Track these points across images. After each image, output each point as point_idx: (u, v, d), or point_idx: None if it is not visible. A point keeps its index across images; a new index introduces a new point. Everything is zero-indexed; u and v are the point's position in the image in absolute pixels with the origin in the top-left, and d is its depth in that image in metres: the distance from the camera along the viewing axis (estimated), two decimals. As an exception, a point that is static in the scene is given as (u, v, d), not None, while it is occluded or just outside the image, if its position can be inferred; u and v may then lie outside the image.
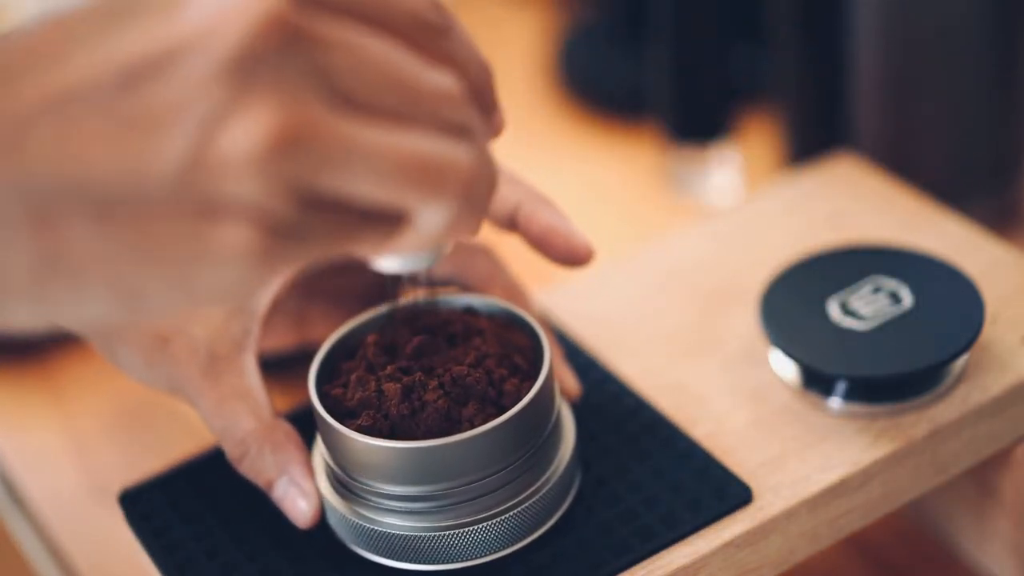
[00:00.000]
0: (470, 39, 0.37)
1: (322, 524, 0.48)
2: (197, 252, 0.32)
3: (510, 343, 0.47)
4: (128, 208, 0.32)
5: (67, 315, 0.34)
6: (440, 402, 0.44)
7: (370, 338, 0.48)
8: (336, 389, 0.46)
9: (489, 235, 0.53)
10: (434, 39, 0.35)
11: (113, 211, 0.32)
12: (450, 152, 0.34)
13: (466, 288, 0.53)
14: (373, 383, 0.45)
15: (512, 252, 0.55)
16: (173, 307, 0.34)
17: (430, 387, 0.45)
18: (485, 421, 0.44)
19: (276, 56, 0.32)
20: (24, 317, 0.34)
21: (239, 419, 0.48)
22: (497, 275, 0.53)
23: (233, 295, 0.34)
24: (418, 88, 0.34)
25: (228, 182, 0.31)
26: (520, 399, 0.45)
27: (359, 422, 0.45)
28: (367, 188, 0.33)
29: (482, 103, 0.38)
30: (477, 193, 0.35)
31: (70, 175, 0.32)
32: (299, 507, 0.47)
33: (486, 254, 0.53)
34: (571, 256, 0.50)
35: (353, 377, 0.46)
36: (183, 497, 0.51)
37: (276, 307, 0.52)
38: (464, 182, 0.34)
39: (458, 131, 0.34)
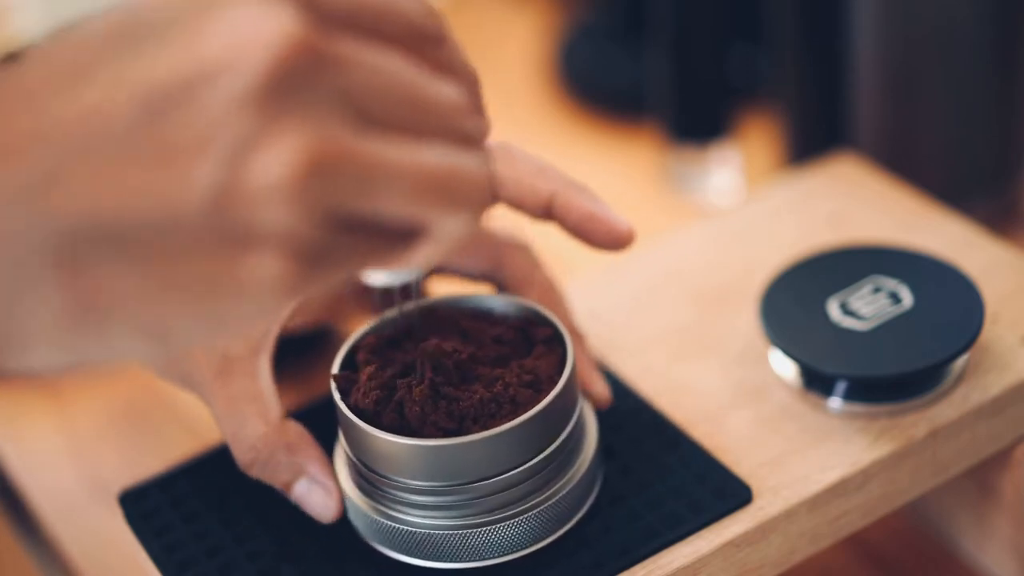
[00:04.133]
0: (460, 45, 0.37)
1: (322, 523, 0.48)
2: (228, 286, 0.32)
3: (523, 331, 0.47)
4: (156, 244, 0.31)
5: (92, 356, 0.34)
6: (462, 404, 0.45)
7: (388, 335, 0.48)
8: (356, 386, 0.46)
9: (526, 229, 0.52)
10: (432, 48, 0.35)
11: (142, 249, 0.31)
12: (461, 162, 0.34)
13: (502, 285, 0.53)
14: (393, 383, 0.46)
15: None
16: (199, 340, 0.34)
17: (448, 393, 0.45)
18: (505, 420, 0.44)
19: (301, 80, 0.31)
20: (49, 360, 0.33)
21: (248, 423, 0.48)
22: (534, 272, 0.53)
23: (258, 323, 0.33)
24: (428, 101, 0.34)
25: (260, 211, 0.31)
26: (540, 400, 0.45)
27: (383, 420, 0.45)
28: (394, 205, 0.33)
29: (474, 107, 0.38)
30: (484, 198, 0.35)
31: (98, 215, 0.31)
32: (323, 503, 0.47)
33: (524, 251, 0.53)
34: (614, 240, 0.50)
35: (365, 375, 0.46)
36: (183, 497, 0.51)
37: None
38: (474, 189, 0.34)
39: (467, 140, 0.35)
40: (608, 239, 0.50)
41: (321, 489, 0.47)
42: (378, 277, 0.40)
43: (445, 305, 0.50)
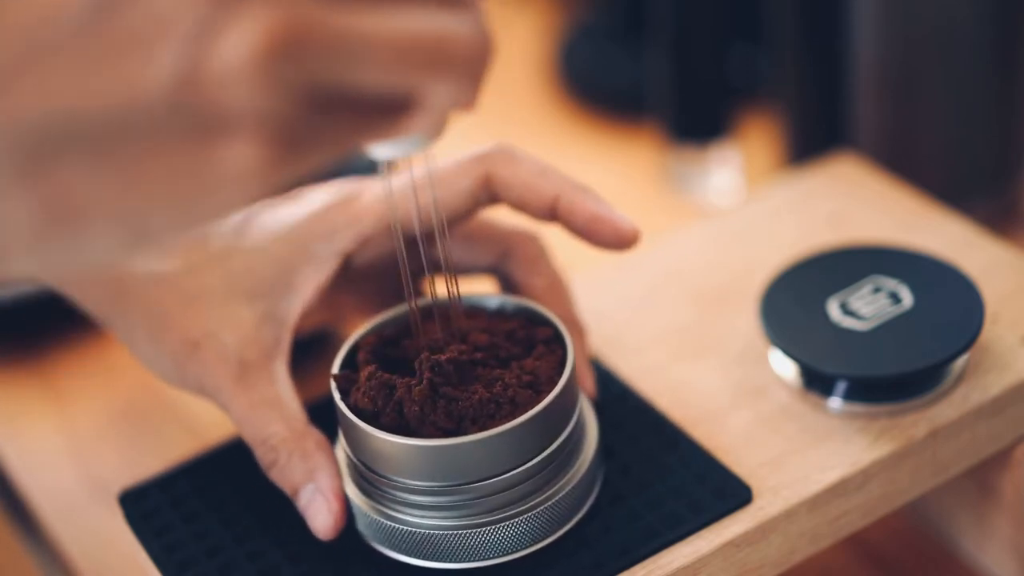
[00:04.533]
0: None
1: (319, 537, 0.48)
2: (203, 176, 0.31)
3: (524, 330, 0.48)
4: (124, 140, 0.30)
5: (72, 261, 0.32)
6: (462, 405, 0.45)
7: (389, 335, 0.48)
8: (356, 386, 0.46)
9: (533, 226, 0.53)
10: None
11: (109, 145, 0.30)
12: (450, 25, 0.32)
13: (508, 276, 0.53)
14: (393, 383, 0.46)
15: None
16: (181, 234, 0.32)
17: (450, 393, 0.45)
18: (504, 420, 0.44)
19: None
20: (27, 268, 0.32)
21: (270, 426, 0.48)
22: (541, 262, 0.52)
23: (242, 209, 0.32)
24: None
25: (227, 94, 0.30)
26: (539, 401, 0.45)
27: (383, 420, 0.45)
28: (373, 76, 0.31)
29: None
30: (480, 63, 0.33)
31: (58, 113, 0.30)
32: (321, 519, 0.47)
33: (533, 240, 0.53)
34: (620, 240, 0.50)
35: (364, 375, 0.46)
36: (183, 497, 0.51)
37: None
38: (467, 53, 0.32)
39: (450, 2, 0.33)
40: (614, 239, 0.50)
41: (323, 503, 0.47)
42: (382, 151, 0.37)
43: (445, 305, 0.50)
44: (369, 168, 0.50)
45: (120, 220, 0.31)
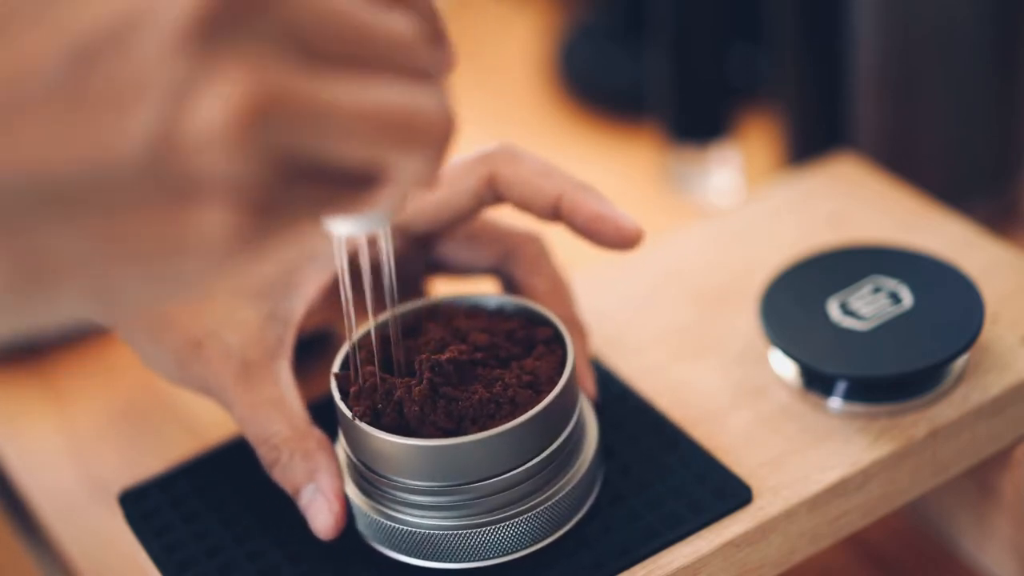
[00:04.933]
0: None
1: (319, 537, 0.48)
2: (174, 242, 0.30)
3: (525, 330, 0.48)
4: (96, 200, 0.30)
5: (42, 319, 0.32)
6: (461, 403, 0.45)
7: (391, 335, 0.48)
8: (354, 385, 0.46)
9: (534, 227, 0.53)
10: None
11: (81, 205, 0.30)
12: (418, 99, 0.32)
13: (509, 277, 0.53)
14: (393, 382, 0.46)
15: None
16: (154, 300, 0.32)
17: (450, 393, 0.45)
18: (504, 420, 0.44)
19: (235, 17, 0.30)
20: (1, 326, 0.32)
21: (273, 426, 0.48)
22: (543, 263, 0.52)
23: (215, 282, 0.32)
24: (376, 34, 0.32)
25: (201, 159, 0.29)
26: (539, 401, 0.45)
27: (383, 420, 0.45)
28: (345, 147, 0.31)
29: (433, 38, 0.35)
30: (444, 138, 0.33)
31: (31, 173, 0.29)
32: (322, 519, 0.47)
33: (534, 241, 0.53)
34: (623, 240, 0.50)
35: (364, 373, 0.46)
36: (183, 497, 0.51)
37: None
38: (434, 128, 0.32)
39: (419, 76, 0.33)
40: (617, 239, 0.50)
41: (324, 503, 0.47)
42: (344, 227, 0.37)
43: (446, 304, 0.50)
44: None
45: (90, 279, 0.31)
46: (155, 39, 0.29)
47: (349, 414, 0.45)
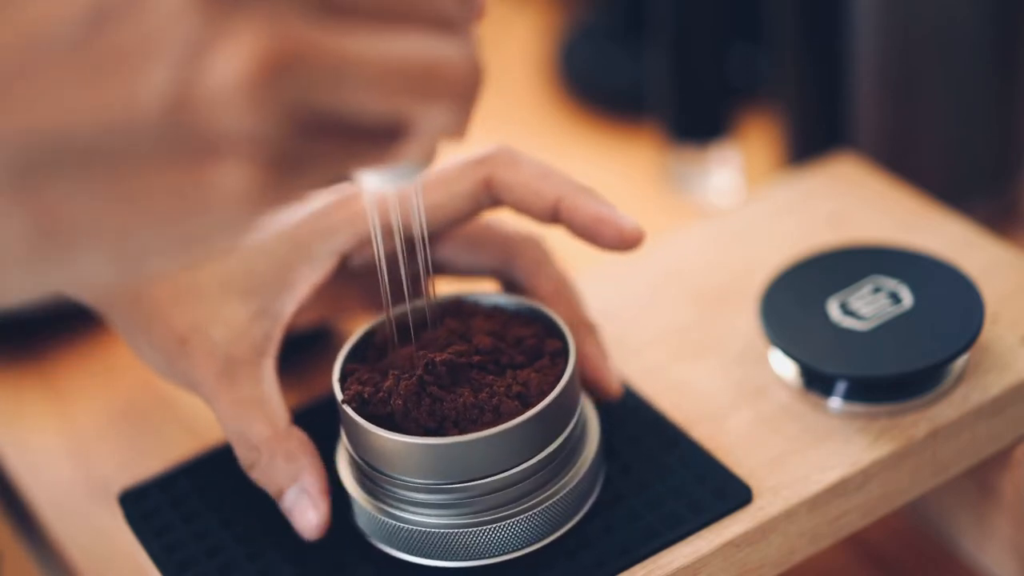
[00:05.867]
0: None
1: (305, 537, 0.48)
2: (194, 199, 0.30)
3: (536, 339, 0.47)
4: (114, 159, 0.30)
5: (64, 282, 0.32)
6: (462, 400, 0.45)
7: (393, 333, 0.48)
8: (358, 385, 0.46)
9: (536, 229, 0.52)
10: None
11: (99, 164, 0.30)
12: (441, 50, 0.32)
13: (512, 280, 0.53)
14: (395, 382, 0.46)
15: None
16: (173, 260, 0.32)
17: (453, 392, 0.45)
18: (486, 427, 0.44)
19: None
20: (19, 288, 0.32)
21: (253, 425, 0.48)
22: (545, 265, 0.52)
23: (235, 238, 0.32)
24: None
25: (219, 116, 0.29)
26: (542, 399, 0.45)
27: (370, 410, 0.45)
28: (365, 101, 0.31)
29: None
30: (472, 89, 0.33)
31: (49, 130, 0.30)
32: (307, 518, 0.47)
33: (537, 244, 0.53)
34: (623, 241, 0.49)
35: (364, 378, 0.46)
36: (183, 497, 0.51)
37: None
38: (459, 79, 0.32)
39: (443, 26, 0.32)
40: (617, 240, 0.50)
41: (309, 502, 0.47)
42: (372, 181, 0.37)
43: (470, 302, 0.49)
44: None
45: (110, 239, 0.31)
46: None
47: (350, 411, 0.45)
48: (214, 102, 0.29)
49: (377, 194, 0.41)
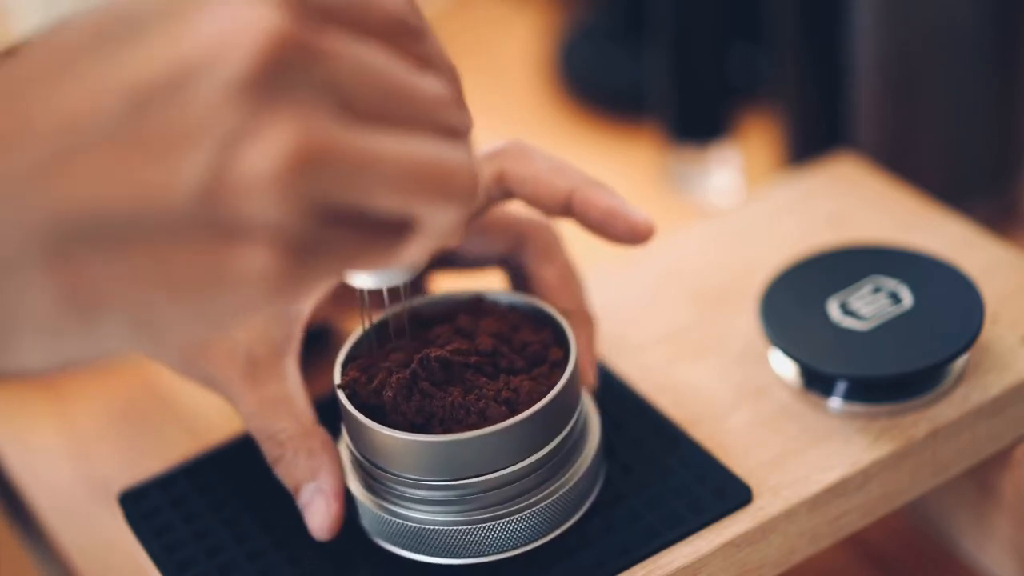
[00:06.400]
0: (439, 41, 0.37)
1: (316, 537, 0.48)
2: (217, 278, 0.32)
3: (542, 346, 0.47)
4: (147, 237, 0.31)
5: (83, 351, 0.34)
6: (457, 399, 0.45)
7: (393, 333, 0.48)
8: (358, 379, 0.46)
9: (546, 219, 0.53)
10: (413, 43, 0.35)
11: (132, 242, 0.31)
12: (450, 155, 0.34)
13: (520, 264, 0.53)
14: (389, 374, 0.46)
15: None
16: (192, 335, 0.34)
17: (455, 392, 0.45)
18: (471, 429, 0.44)
19: (287, 73, 0.31)
20: (40, 356, 0.33)
21: (279, 422, 0.48)
22: (555, 251, 0.53)
23: (249, 318, 0.33)
24: (412, 93, 0.34)
25: (248, 204, 0.31)
26: (542, 397, 0.45)
27: (361, 399, 0.45)
28: (383, 197, 0.33)
29: (458, 101, 0.38)
30: (472, 193, 0.35)
31: (88, 210, 0.31)
32: (320, 516, 0.47)
33: (547, 229, 0.53)
34: (634, 235, 0.50)
35: (365, 365, 0.46)
36: (183, 497, 0.51)
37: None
38: (463, 183, 0.34)
39: (452, 133, 0.35)
40: (628, 234, 0.50)
41: (323, 502, 0.47)
42: (365, 279, 0.39)
43: (490, 300, 0.49)
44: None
45: (133, 312, 0.32)
46: (211, 88, 0.31)
47: (351, 408, 0.45)
48: (246, 189, 0.31)
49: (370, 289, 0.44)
